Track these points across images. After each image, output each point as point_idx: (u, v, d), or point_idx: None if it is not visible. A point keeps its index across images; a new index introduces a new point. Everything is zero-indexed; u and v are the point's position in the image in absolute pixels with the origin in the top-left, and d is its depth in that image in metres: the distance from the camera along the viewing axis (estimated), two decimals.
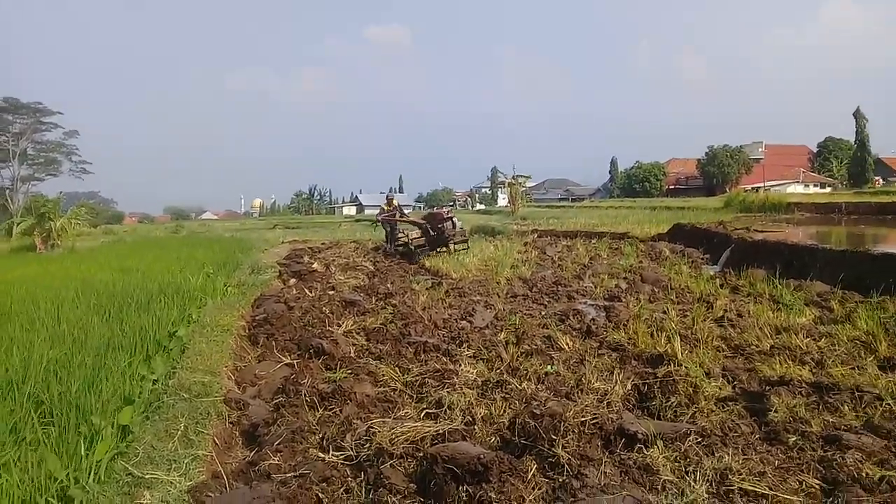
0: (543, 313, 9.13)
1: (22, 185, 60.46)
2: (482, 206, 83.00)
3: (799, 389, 5.17)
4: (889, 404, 4.71)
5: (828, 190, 61.56)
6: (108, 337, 6.91)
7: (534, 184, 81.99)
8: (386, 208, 19.82)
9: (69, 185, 71.86)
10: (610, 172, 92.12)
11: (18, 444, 4.14)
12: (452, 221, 17.46)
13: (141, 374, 5.71)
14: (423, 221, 18.02)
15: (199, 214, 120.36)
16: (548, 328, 7.93)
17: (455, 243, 17.46)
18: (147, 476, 3.85)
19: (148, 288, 10.28)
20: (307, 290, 11.41)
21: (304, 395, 5.51)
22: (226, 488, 3.96)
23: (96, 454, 4.00)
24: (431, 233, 17.31)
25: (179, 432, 4.48)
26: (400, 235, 18.78)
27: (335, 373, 6.37)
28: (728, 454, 3.99)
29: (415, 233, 18.17)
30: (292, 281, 12.87)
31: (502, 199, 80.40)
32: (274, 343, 7.55)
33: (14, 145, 58.62)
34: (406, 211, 22.94)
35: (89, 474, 3.83)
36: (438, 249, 17.52)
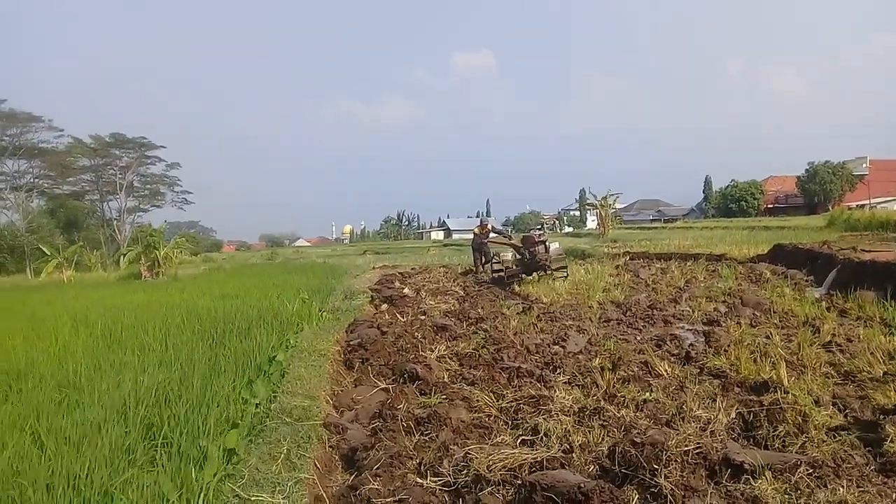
0: (639, 338, 8.95)
1: (128, 216, 64.06)
2: (570, 229, 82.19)
3: None
4: None
5: None
6: (213, 361, 7.18)
7: (624, 205, 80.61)
8: (478, 231, 19.59)
9: (172, 215, 76.12)
10: (704, 192, 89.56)
11: (131, 464, 4.34)
12: (545, 245, 16.54)
13: (244, 398, 5.90)
14: (520, 245, 17.23)
15: (292, 241, 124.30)
16: (644, 353, 7.76)
17: (553, 269, 16.48)
18: (253, 498, 3.97)
19: (248, 314, 10.62)
20: (399, 315, 11.54)
21: (401, 420, 5.57)
22: None
23: (205, 476, 4.15)
24: (527, 257, 16.48)
25: (282, 455, 4.60)
26: (494, 259, 17.98)
27: (430, 398, 6.41)
28: (842, 486, 3.83)
29: (508, 256, 17.49)
30: (384, 306, 13.03)
31: (591, 222, 79.44)
32: (369, 368, 7.65)
33: (121, 178, 62.16)
34: (501, 230, 22.23)
35: (199, 496, 3.97)
36: (535, 275, 16.63)
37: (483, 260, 19.09)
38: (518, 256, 17.00)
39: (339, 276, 19.97)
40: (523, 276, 16.69)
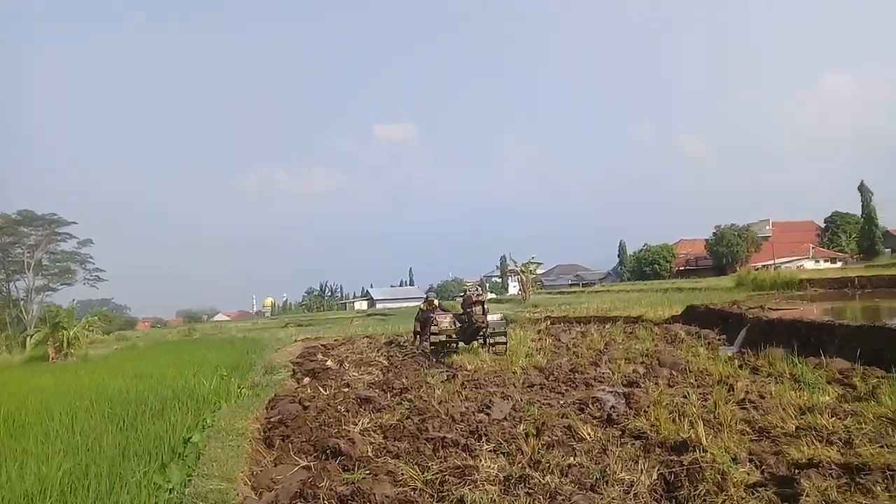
0: (562, 402, 9.02)
1: (36, 296, 61.35)
2: (493, 295, 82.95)
3: (829, 471, 5.07)
4: None
5: (839, 265, 61.32)
6: (123, 446, 6.85)
7: (544, 270, 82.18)
8: (424, 307, 18.96)
9: (84, 293, 73.03)
10: (619, 256, 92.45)
11: None
12: (483, 306, 14.98)
13: (157, 484, 5.62)
14: (461, 312, 15.78)
15: (211, 316, 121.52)
16: (567, 418, 7.81)
17: (491, 336, 15.26)
18: None
19: (162, 394, 10.23)
20: (322, 389, 11.31)
21: (323, 499, 5.41)
22: None
23: None
24: (465, 322, 15.01)
25: None
26: (433, 327, 16.21)
27: (353, 474, 6.26)
28: None
29: (445, 322, 15.79)
30: (306, 380, 12.77)
31: (513, 288, 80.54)
32: (290, 445, 7.43)
33: (29, 257, 59.79)
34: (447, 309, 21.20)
35: None
36: (475, 343, 15.63)
37: (424, 334, 18.51)
38: (458, 324, 15.72)
39: (260, 350, 19.45)
40: (461, 344, 15.79)
